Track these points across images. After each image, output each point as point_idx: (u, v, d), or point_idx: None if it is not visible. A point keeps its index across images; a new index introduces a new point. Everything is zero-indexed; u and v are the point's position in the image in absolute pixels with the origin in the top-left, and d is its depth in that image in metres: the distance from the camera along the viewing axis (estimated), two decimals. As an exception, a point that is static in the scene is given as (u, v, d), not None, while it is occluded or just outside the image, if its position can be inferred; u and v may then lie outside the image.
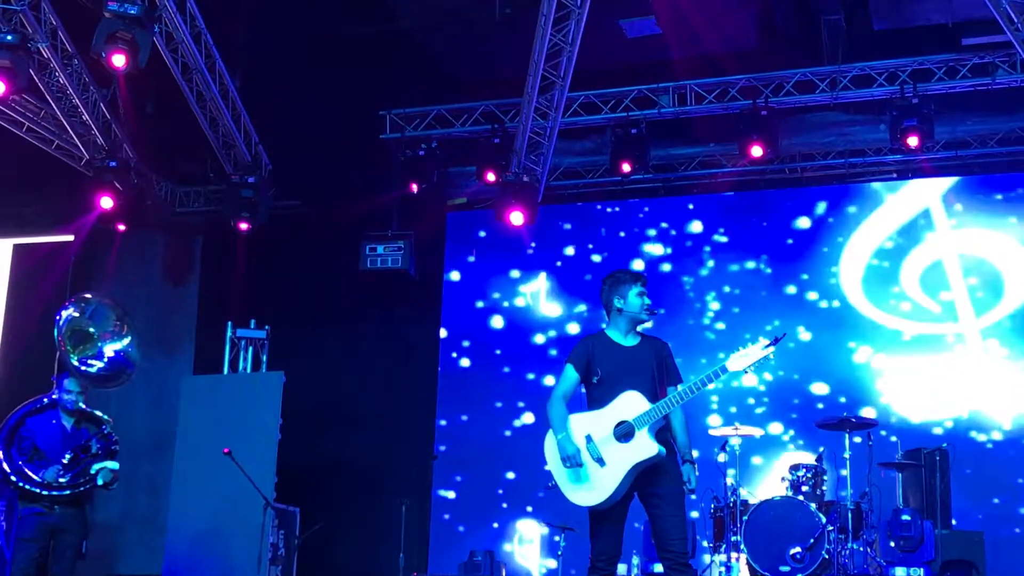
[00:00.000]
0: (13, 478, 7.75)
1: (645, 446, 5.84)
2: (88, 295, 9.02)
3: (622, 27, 11.14)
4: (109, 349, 8.49)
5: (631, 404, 5.93)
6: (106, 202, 11.78)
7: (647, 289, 6.22)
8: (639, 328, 6.24)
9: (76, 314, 8.49)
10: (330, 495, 11.78)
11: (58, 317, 8.37)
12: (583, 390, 6.18)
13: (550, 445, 6.04)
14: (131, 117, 11.93)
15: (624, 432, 5.88)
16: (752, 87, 11.44)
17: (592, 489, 5.87)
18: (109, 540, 12.34)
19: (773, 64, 11.42)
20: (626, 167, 11.71)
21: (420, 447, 12.34)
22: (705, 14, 10.68)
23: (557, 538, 10.25)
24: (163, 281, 13.37)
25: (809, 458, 9.92)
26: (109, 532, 12.31)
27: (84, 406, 8.04)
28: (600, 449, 5.90)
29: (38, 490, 7.73)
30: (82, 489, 7.85)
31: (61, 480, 7.75)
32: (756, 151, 11.28)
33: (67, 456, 7.76)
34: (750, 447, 10.63)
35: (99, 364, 8.43)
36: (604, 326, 6.31)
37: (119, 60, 9.80)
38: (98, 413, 8.13)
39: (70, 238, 12.90)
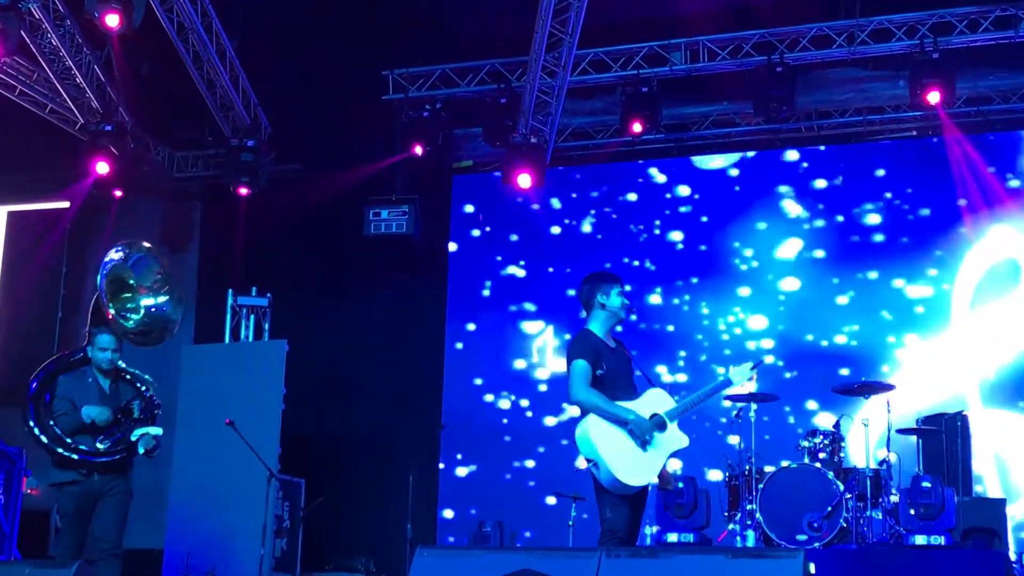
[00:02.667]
0: (44, 439, 7.39)
1: (679, 437, 6.48)
2: (136, 242, 8.45)
3: (632, -19, 11.12)
4: (146, 303, 8.06)
5: (660, 399, 6.51)
6: (102, 167, 11.78)
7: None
8: (615, 328, 6.68)
9: (119, 257, 8.02)
10: (336, 466, 11.86)
11: (105, 262, 7.92)
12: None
13: (596, 428, 6.34)
14: (126, 79, 11.89)
15: (658, 423, 6.39)
16: (767, 43, 11.38)
17: (642, 471, 6.34)
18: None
19: (789, 19, 11.35)
20: (637, 127, 11.68)
21: (427, 416, 12.40)
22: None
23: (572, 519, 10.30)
24: (161, 248, 13.24)
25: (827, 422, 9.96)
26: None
27: (123, 364, 7.66)
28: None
29: (74, 456, 7.35)
30: (118, 456, 7.47)
31: (99, 446, 7.38)
32: (772, 109, 11.25)
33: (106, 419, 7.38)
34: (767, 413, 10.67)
35: (136, 317, 8.00)
36: (587, 325, 6.64)
37: (113, 20, 9.80)
38: (137, 372, 7.74)
39: (66, 205, 12.93)
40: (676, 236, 12.41)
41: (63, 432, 7.43)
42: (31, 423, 7.50)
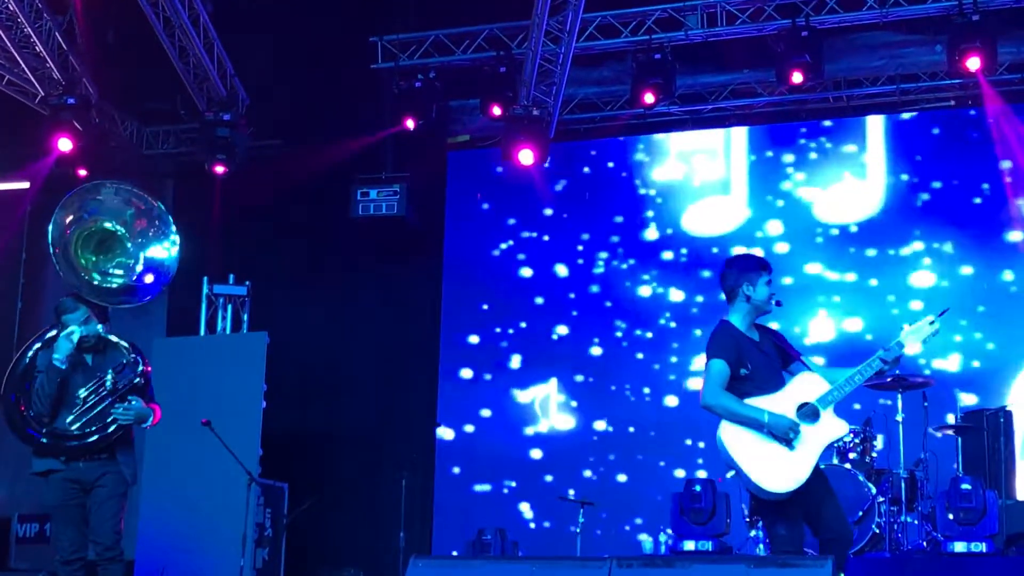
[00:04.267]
0: (20, 425, 7.30)
1: (835, 425, 6.21)
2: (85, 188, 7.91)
3: (643, -62, 11.10)
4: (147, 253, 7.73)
5: (811, 385, 6.26)
6: (64, 144, 11.77)
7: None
8: (756, 320, 6.47)
9: (70, 217, 7.55)
10: (321, 469, 11.86)
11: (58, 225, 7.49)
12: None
13: (731, 435, 6.19)
14: (90, 48, 11.88)
15: (809, 413, 6.16)
16: (791, 5, 11.34)
17: (789, 473, 6.10)
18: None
19: (815, -23, 11.35)
20: (649, 98, 11.65)
21: (421, 415, 12.41)
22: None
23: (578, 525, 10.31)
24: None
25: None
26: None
27: (101, 333, 7.40)
28: None
29: (46, 440, 7.25)
30: (91, 440, 7.30)
31: (71, 428, 7.27)
32: (796, 77, 11.22)
33: (80, 396, 7.26)
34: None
35: (119, 281, 7.63)
36: (726, 316, 6.46)
37: (75, -18, 9.76)
38: (114, 338, 7.50)
39: (25, 185, 12.90)
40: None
41: (36, 413, 7.32)
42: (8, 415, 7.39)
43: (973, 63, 10.84)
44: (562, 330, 12.51)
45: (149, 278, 7.81)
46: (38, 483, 7.59)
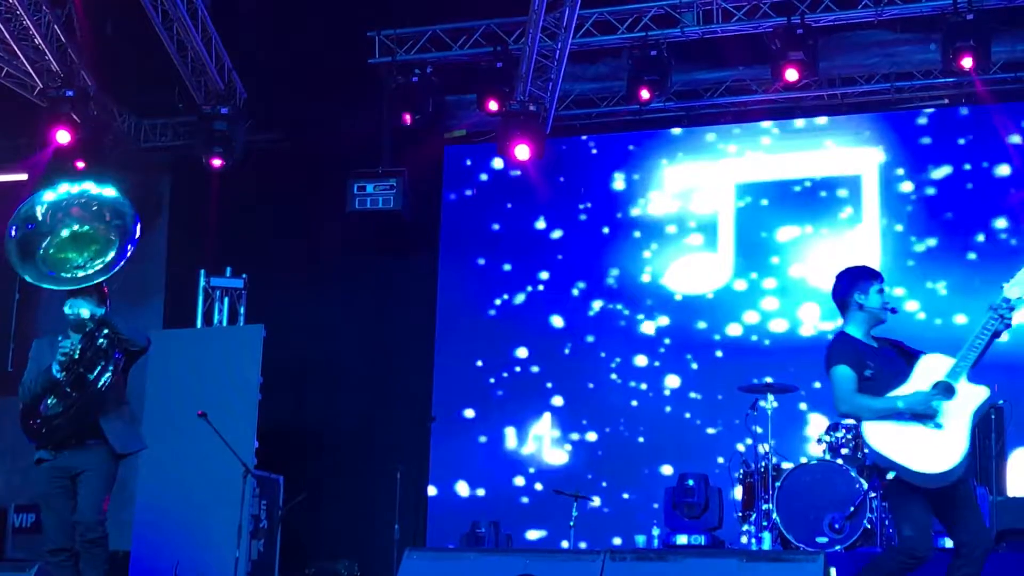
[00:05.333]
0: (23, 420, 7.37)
1: (974, 391, 6.09)
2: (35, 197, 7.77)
3: (639, -65, 11.10)
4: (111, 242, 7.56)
5: (936, 364, 6.17)
6: (63, 136, 11.79)
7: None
8: (874, 331, 6.41)
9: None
10: (317, 461, 11.89)
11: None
12: None
13: (877, 433, 6.12)
14: (89, 40, 11.89)
15: (943, 389, 6.08)
16: (787, 2, 11.36)
17: (947, 450, 6.01)
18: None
19: (810, -24, 11.36)
20: (645, 94, 11.68)
21: (416, 408, 12.41)
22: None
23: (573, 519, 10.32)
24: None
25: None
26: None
27: (84, 313, 7.31)
28: None
29: (44, 430, 7.31)
30: (77, 407, 7.25)
31: (51, 409, 7.27)
32: (791, 75, 11.24)
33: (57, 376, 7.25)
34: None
35: (101, 261, 7.48)
36: (844, 328, 6.43)
37: (75, -24, 9.77)
38: (83, 314, 7.36)
39: (23, 177, 12.88)
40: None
41: (25, 401, 7.37)
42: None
43: (967, 62, 10.87)
44: (557, 321, 12.50)
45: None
46: (35, 473, 7.64)
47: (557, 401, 12.29)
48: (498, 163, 12.61)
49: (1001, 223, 11.51)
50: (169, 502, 10.53)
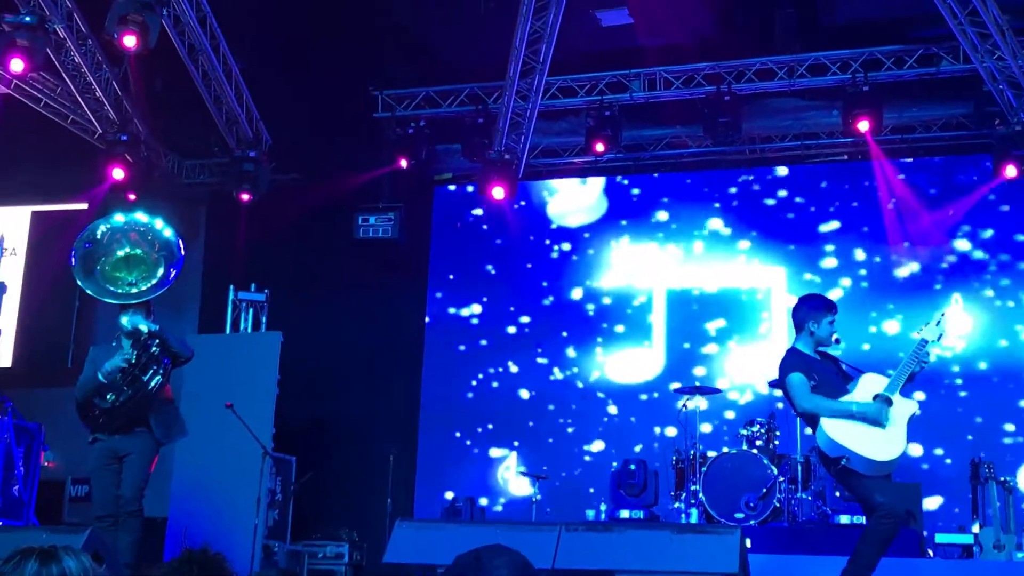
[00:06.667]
0: (83, 413, 7.49)
1: (908, 404, 6.32)
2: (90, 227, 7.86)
3: (597, 17, 11.14)
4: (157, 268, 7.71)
5: (874, 382, 6.36)
6: (117, 173, 11.73)
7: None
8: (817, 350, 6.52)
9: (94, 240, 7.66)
10: (324, 445, 11.83)
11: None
12: None
13: (834, 428, 6.24)
14: (141, 94, 11.85)
15: (884, 400, 6.24)
16: (716, 74, 11.44)
17: (892, 445, 6.21)
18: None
19: (736, 53, 11.42)
20: (600, 147, 11.73)
21: (407, 402, 12.40)
22: (673, 6, 10.68)
23: (534, 491, 10.31)
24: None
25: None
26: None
27: (143, 327, 7.47)
28: None
29: (102, 420, 7.44)
30: (131, 403, 7.39)
31: (108, 402, 7.38)
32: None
33: (104, 372, 7.37)
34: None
35: (148, 282, 7.67)
36: (795, 344, 6.54)
37: (130, 41, 9.76)
38: (142, 328, 7.50)
39: (84, 206, 12.81)
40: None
41: (78, 397, 7.48)
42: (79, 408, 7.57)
43: (863, 125, 10.97)
44: (523, 319, 12.51)
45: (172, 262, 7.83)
46: (89, 451, 7.62)
47: (524, 394, 12.28)
48: (477, 210, 12.61)
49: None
50: (200, 477, 10.45)
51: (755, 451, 9.50)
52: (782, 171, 12.22)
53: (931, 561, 8.66)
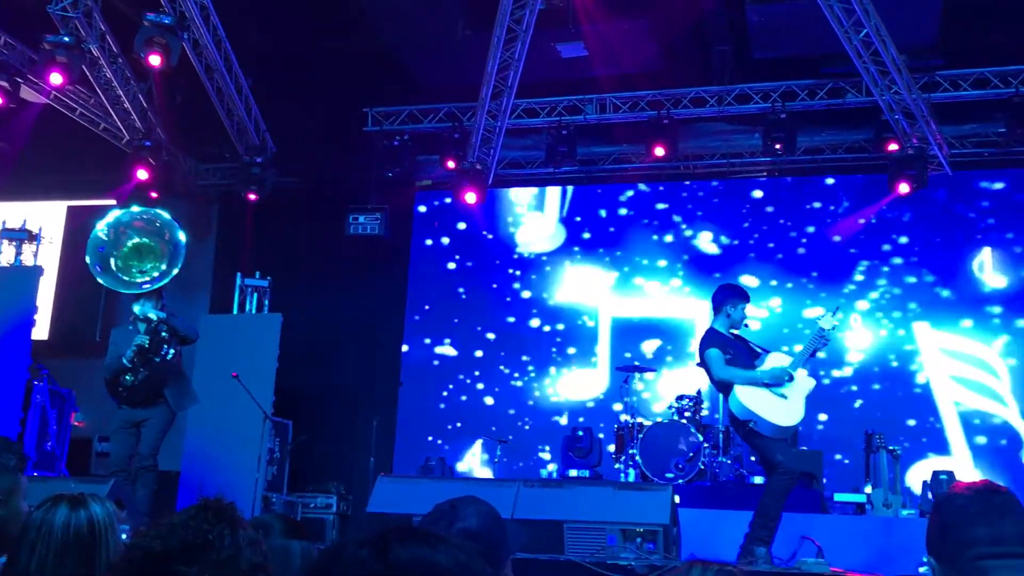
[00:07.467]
0: (111, 389, 7.54)
1: (808, 380, 6.43)
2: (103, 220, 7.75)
3: (557, 49, 11.13)
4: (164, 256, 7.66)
5: (779, 359, 6.44)
6: (142, 174, 11.63)
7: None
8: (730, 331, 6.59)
9: (104, 236, 7.61)
10: (316, 412, 11.76)
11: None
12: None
13: (744, 394, 6.28)
14: (163, 106, 11.74)
15: (787, 375, 6.32)
16: (658, 100, 11.48)
17: (792, 413, 6.29)
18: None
19: (674, 83, 11.45)
20: (558, 160, 11.73)
21: (389, 376, 12.37)
22: (622, 41, 10.71)
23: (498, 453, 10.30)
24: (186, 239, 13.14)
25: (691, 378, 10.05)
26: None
27: (152, 316, 7.46)
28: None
29: (116, 389, 7.51)
30: (148, 380, 7.44)
31: (127, 382, 7.45)
32: (659, 151, 11.34)
33: (127, 358, 7.44)
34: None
35: (158, 267, 7.63)
36: (712, 325, 6.60)
37: (155, 60, 9.67)
38: (151, 316, 7.48)
39: (112, 202, 12.65)
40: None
41: (106, 376, 7.54)
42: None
43: (780, 147, 11.03)
44: (489, 335, 12.50)
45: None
46: (112, 414, 7.61)
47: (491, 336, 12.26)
48: (453, 204, 12.57)
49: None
50: (210, 437, 10.38)
51: (684, 421, 9.56)
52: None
53: (830, 516, 8.75)
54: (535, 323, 12.21)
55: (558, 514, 6.25)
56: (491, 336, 12.33)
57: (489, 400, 12.13)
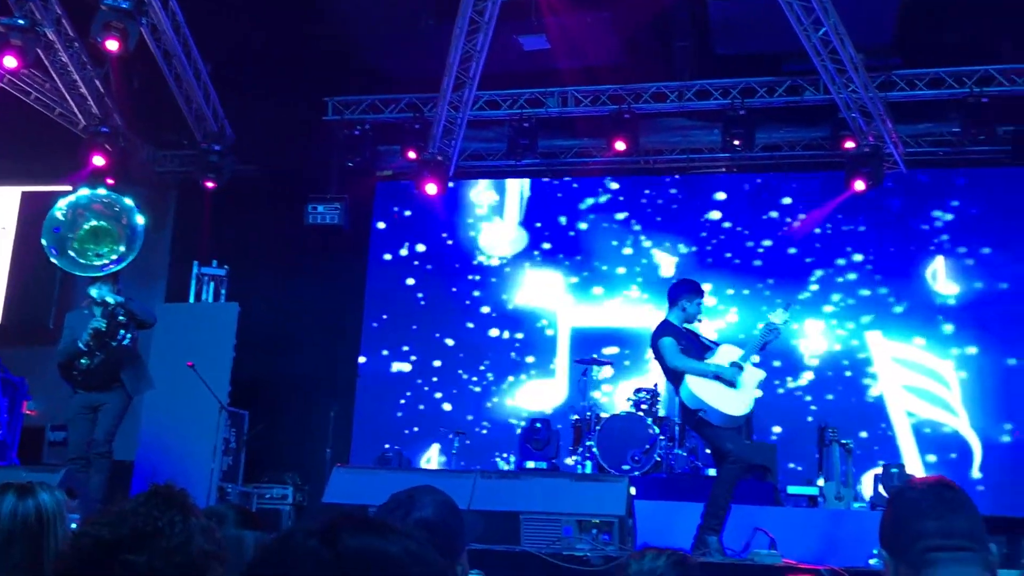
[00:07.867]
0: (66, 373, 7.43)
1: (758, 372, 6.51)
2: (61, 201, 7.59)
3: (520, 41, 11.11)
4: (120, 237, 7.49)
5: (730, 351, 6.53)
6: (98, 160, 11.45)
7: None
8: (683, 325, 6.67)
9: (62, 217, 7.42)
10: (273, 402, 11.68)
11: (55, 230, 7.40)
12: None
13: (696, 385, 6.36)
14: (121, 92, 11.57)
15: (737, 367, 6.40)
16: (619, 95, 11.50)
17: (741, 403, 6.37)
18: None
19: (636, 78, 11.48)
20: (519, 152, 11.71)
21: (347, 366, 12.31)
22: (584, 35, 10.71)
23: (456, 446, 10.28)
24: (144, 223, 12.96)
25: (649, 383, 10.10)
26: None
27: (111, 297, 7.30)
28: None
29: (80, 378, 7.38)
30: (104, 364, 7.30)
31: (91, 366, 7.32)
32: (620, 145, 11.36)
33: (83, 341, 7.29)
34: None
35: (116, 250, 7.47)
36: (668, 317, 6.66)
37: (113, 45, 9.51)
38: (109, 299, 7.33)
39: (68, 188, 12.42)
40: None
41: (60, 360, 7.39)
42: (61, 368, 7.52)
43: (738, 143, 11.10)
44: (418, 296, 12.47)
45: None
46: (67, 402, 7.49)
47: (449, 342, 12.24)
48: (413, 195, 12.50)
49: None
50: (165, 427, 10.29)
51: (640, 414, 9.60)
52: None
53: (783, 509, 8.84)
54: (494, 332, 12.14)
55: (514, 505, 6.27)
56: (450, 342, 12.26)
57: (447, 406, 12.07)
